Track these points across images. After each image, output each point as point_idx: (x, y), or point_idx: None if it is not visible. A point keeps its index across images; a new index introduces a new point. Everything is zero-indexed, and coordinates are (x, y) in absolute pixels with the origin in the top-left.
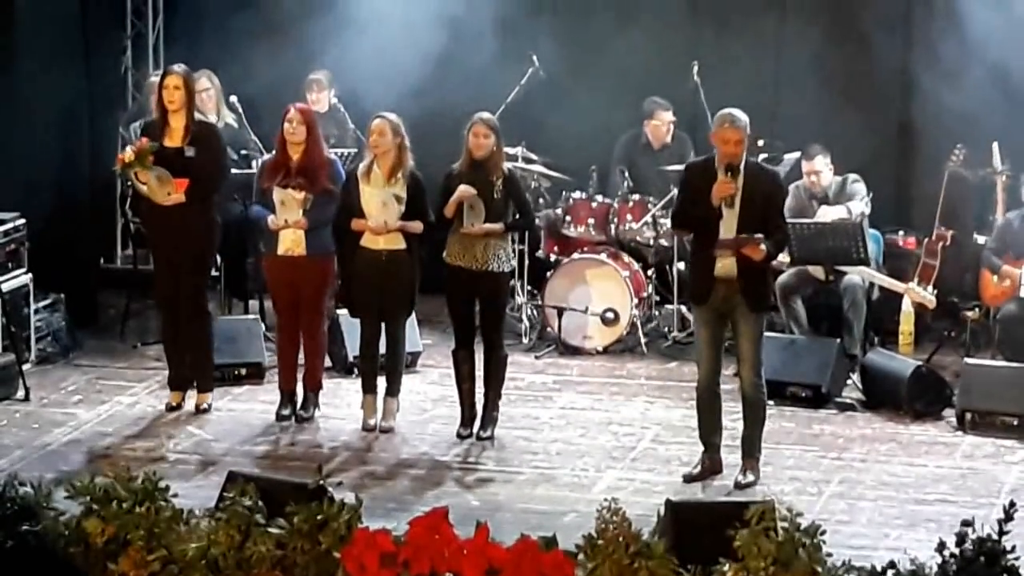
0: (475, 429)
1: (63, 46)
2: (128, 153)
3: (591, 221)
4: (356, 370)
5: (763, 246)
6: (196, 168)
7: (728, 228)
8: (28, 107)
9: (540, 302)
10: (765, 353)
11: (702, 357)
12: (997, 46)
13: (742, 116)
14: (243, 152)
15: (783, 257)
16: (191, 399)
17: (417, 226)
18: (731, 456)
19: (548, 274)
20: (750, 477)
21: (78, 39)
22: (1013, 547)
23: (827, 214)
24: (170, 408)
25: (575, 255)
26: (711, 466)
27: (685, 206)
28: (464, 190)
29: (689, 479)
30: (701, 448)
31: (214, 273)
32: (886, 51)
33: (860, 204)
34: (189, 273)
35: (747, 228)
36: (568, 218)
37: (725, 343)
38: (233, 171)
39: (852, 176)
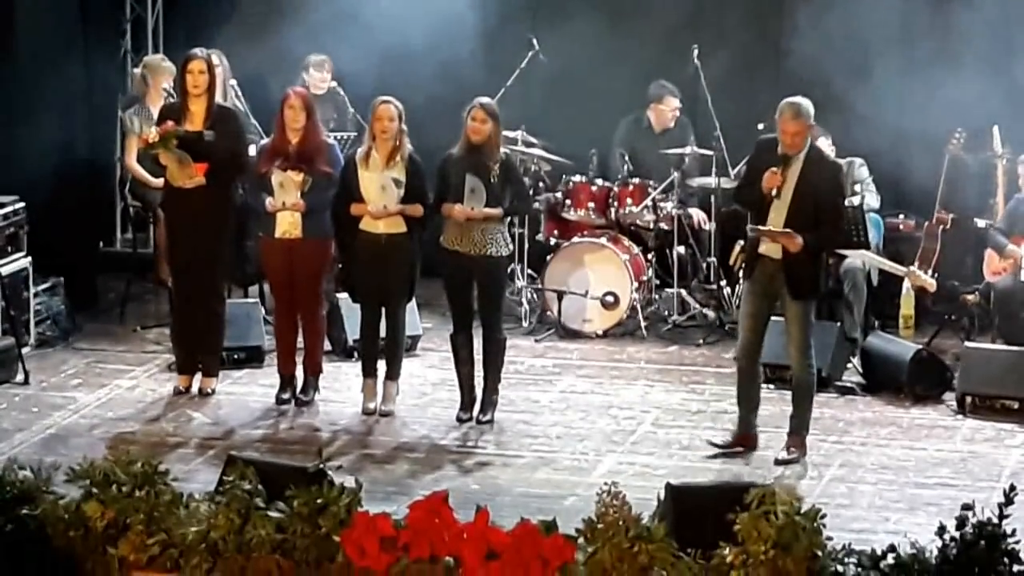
0: (475, 413)
1: (62, 30)
2: (153, 134)
3: (591, 205)
4: (356, 354)
5: (798, 239)
6: (216, 152)
7: (777, 216)
8: (28, 90)
9: (540, 285)
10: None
11: (741, 327)
12: (997, 30)
13: (805, 106)
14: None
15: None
16: (196, 382)
17: (417, 209)
18: (720, 437)
19: (548, 257)
20: (793, 454)
21: (77, 22)
22: (1013, 531)
23: None
24: (179, 392)
25: (575, 238)
26: (741, 440)
27: (745, 183)
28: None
29: (716, 447)
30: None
31: None
32: (886, 34)
33: (874, 198)
34: (206, 257)
35: (797, 218)
36: (568, 201)
37: (726, 326)
38: None
39: (858, 160)
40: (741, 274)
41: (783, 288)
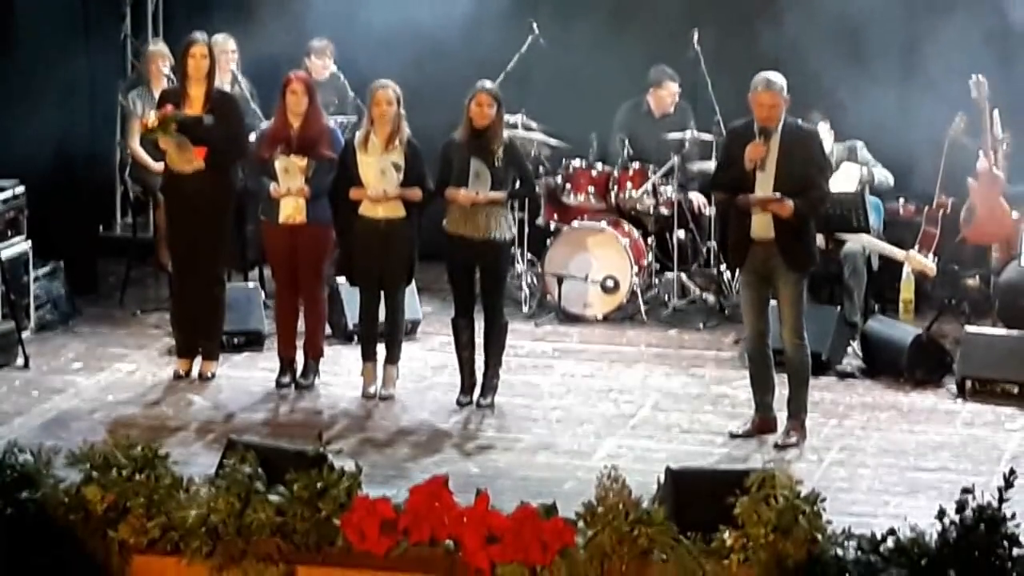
0: (475, 397)
1: (63, 14)
2: (152, 119)
3: (591, 189)
4: (356, 338)
5: (789, 202)
6: (215, 137)
7: (763, 191)
8: (28, 75)
9: (540, 270)
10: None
11: (746, 320)
12: (997, 14)
13: (777, 79)
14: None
15: None
16: (196, 366)
17: (416, 193)
18: (720, 421)
19: (548, 242)
20: (792, 438)
21: (78, 7)
22: (1013, 514)
23: (848, 173)
24: (178, 376)
25: (575, 223)
26: (759, 425)
27: (723, 169)
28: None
29: (735, 437)
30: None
31: None
32: (888, 16)
33: (884, 173)
34: (206, 241)
35: (782, 189)
36: (568, 186)
37: (725, 310)
38: None
39: (859, 143)
40: (733, 262)
41: (778, 268)
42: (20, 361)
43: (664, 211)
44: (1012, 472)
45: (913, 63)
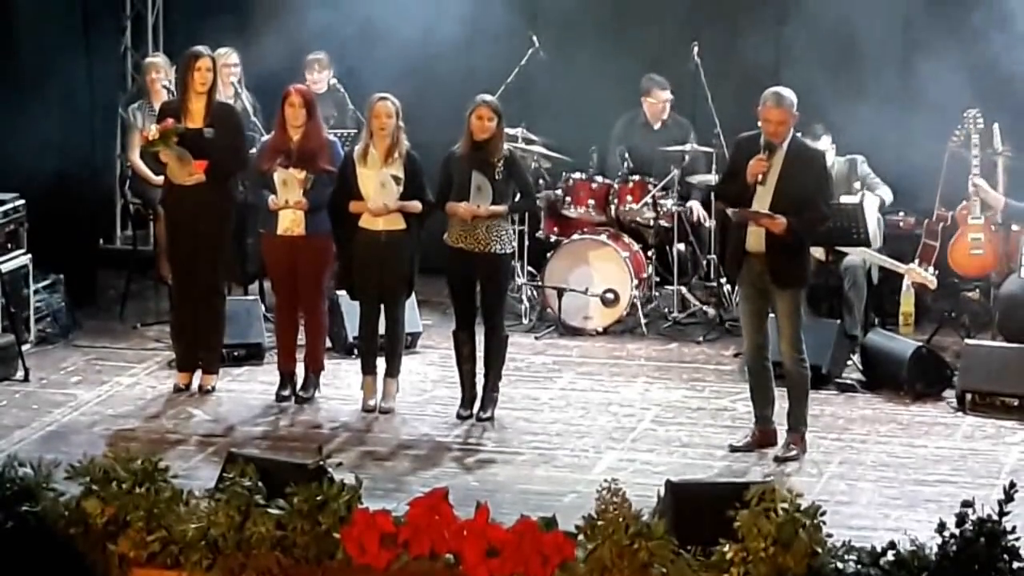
0: (475, 410)
1: (63, 27)
2: (153, 131)
3: (591, 202)
4: (356, 351)
5: (781, 220)
6: (216, 149)
7: (760, 205)
8: (28, 87)
9: (540, 283)
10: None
11: (745, 333)
12: (997, 28)
13: (787, 95)
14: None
15: None
16: (196, 379)
17: (416, 206)
18: (720, 434)
19: (548, 255)
20: (792, 451)
21: (78, 20)
22: (1013, 528)
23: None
24: (178, 389)
25: (575, 236)
26: (759, 438)
27: (727, 179)
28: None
29: (735, 450)
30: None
31: None
32: (887, 30)
33: (885, 192)
34: (207, 254)
35: (781, 206)
36: (568, 199)
37: (726, 323)
38: None
39: (859, 157)
40: (730, 273)
41: (770, 283)
42: (20, 374)
43: (664, 224)
44: (1012, 485)
45: (912, 76)
